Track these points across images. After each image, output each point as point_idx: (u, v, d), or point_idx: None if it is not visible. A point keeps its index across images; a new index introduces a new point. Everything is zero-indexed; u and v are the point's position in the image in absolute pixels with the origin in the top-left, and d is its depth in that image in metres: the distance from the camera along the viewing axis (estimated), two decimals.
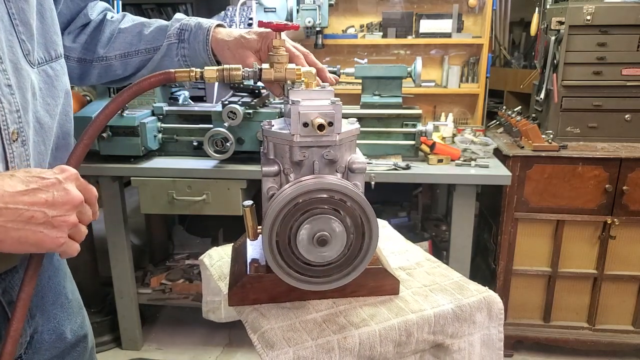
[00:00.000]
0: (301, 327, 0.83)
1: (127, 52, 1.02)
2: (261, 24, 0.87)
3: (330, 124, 0.78)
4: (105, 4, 1.09)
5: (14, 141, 0.72)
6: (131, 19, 1.06)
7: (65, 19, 1.00)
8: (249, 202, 0.87)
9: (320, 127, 0.76)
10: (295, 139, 0.80)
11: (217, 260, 1.08)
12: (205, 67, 0.80)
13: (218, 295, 1.08)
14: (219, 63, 1.01)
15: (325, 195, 0.79)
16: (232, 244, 1.11)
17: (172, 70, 0.79)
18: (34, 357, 0.87)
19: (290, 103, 0.79)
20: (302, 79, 0.87)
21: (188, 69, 0.80)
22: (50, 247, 0.66)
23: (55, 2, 0.89)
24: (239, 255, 1.00)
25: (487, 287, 0.97)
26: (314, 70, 0.88)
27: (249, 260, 0.93)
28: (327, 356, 0.79)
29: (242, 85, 2.21)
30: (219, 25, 1.02)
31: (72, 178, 0.68)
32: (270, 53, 0.85)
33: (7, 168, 0.72)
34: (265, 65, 0.85)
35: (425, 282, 0.99)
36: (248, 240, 1.00)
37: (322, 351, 0.79)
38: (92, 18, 1.03)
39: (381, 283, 0.92)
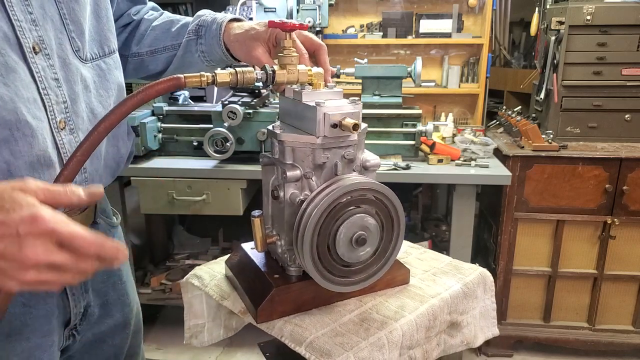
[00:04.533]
0: (344, 330, 0.82)
1: (156, 48, 1.06)
2: (272, 23, 0.86)
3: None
4: (153, 3, 1.14)
5: (61, 129, 0.78)
6: (166, 16, 1.09)
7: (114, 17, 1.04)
8: (258, 212, 0.85)
9: (355, 126, 0.77)
10: (320, 141, 0.80)
11: (209, 279, 1.01)
12: (218, 72, 0.78)
13: (201, 318, 1.03)
14: (233, 57, 1.01)
15: (360, 195, 0.80)
16: (223, 260, 1.04)
17: (182, 75, 0.74)
18: (87, 329, 0.94)
19: (314, 104, 0.79)
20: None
21: (199, 74, 0.76)
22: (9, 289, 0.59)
23: (111, 2, 0.96)
24: (245, 270, 0.95)
25: (477, 264, 1.05)
26: (322, 71, 0.88)
27: (265, 273, 0.90)
28: (379, 353, 0.79)
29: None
30: (235, 20, 1.02)
31: (39, 232, 0.54)
32: (281, 54, 0.84)
33: (59, 153, 0.78)
34: (276, 67, 0.85)
35: (424, 267, 1.03)
36: (251, 252, 0.96)
37: (375, 349, 0.79)
38: (134, 18, 1.08)
39: (394, 275, 0.94)
